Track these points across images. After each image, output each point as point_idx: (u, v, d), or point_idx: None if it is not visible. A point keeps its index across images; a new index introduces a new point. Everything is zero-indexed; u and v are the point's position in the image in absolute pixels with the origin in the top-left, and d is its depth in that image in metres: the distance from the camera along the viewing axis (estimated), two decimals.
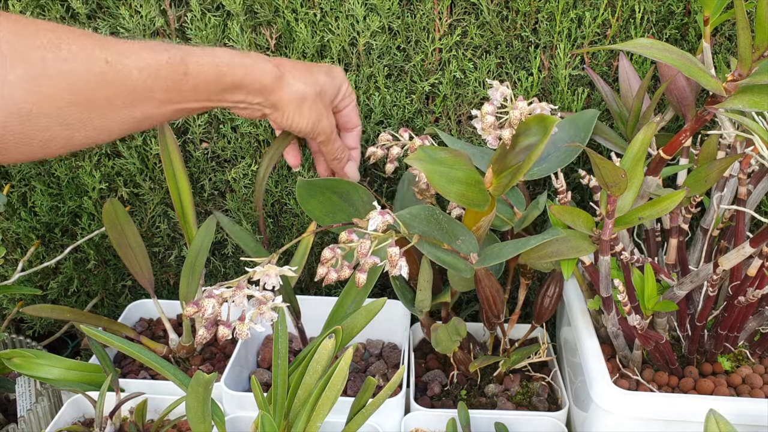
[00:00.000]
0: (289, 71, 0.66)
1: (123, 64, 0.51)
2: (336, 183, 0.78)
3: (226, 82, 0.59)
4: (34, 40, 0.47)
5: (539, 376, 0.87)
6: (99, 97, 0.50)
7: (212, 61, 0.58)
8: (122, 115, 0.52)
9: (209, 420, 0.61)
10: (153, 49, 0.53)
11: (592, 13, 0.87)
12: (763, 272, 0.69)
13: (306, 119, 0.68)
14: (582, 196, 0.98)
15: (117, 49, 0.51)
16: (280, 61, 0.67)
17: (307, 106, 0.67)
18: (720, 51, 0.90)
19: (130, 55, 0.52)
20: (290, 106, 0.66)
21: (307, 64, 0.70)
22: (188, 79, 0.56)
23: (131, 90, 0.52)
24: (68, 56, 0.48)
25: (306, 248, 0.92)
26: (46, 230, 1.03)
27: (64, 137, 0.50)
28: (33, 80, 0.46)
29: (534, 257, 0.73)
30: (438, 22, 0.89)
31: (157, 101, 0.54)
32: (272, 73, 0.64)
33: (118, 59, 0.51)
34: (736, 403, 0.70)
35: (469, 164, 0.69)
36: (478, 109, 0.69)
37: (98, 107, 0.50)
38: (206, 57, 0.58)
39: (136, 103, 0.53)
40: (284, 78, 0.65)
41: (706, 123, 0.66)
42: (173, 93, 0.55)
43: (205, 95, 0.58)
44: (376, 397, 0.62)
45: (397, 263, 0.65)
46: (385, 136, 0.79)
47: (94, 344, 0.81)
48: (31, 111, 0.47)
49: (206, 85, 0.58)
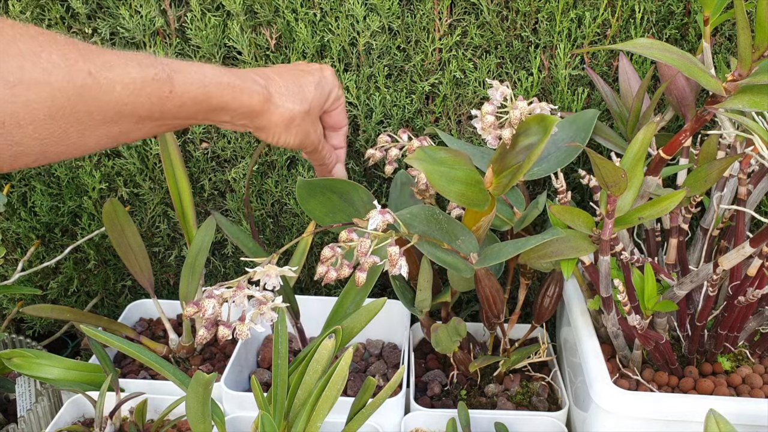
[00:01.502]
0: (278, 91, 0.64)
1: (106, 78, 0.48)
2: (336, 183, 0.78)
3: (212, 103, 0.57)
4: (11, 47, 0.44)
5: (539, 376, 0.87)
6: (79, 111, 0.47)
7: (200, 80, 0.55)
8: (100, 131, 0.50)
9: (209, 420, 0.61)
10: (140, 63, 0.50)
11: (592, 13, 0.87)
12: (763, 272, 0.69)
13: (293, 138, 0.67)
14: (582, 196, 0.98)
15: (102, 60, 0.48)
16: (270, 78, 0.64)
17: (295, 125, 0.66)
18: (720, 51, 0.90)
19: (115, 68, 0.49)
20: (277, 128, 0.65)
21: (297, 76, 0.67)
22: (173, 97, 0.53)
23: (113, 105, 0.49)
24: (48, 66, 0.45)
25: (305, 248, 0.92)
26: (46, 230, 1.03)
27: (38, 152, 0.47)
28: (8, 90, 0.43)
29: (534, 257, 0.72)
30: (438, 22, 0.89)
31: (137, 117, 0.51)
32: (260, 95, 0.61)
33: (102, 72, 0.48)
34: (736, 403, 0.70)
35: (469, 164, 0.69)
36: (478, 109, 0.69)
37: (77, 122, 0.48)
38: (194, 75, 0.55)
39: (116, 119, 0.50)
40: (272, 99, 0.63)
41: (706, 123, 0.66)
42: (156, 110, 0.52)
43: (188, 114, 0.56)
44: (376, 397, 0.62)
45: (397, 262, 0.65)
46: (383, 137, 0.79)
47: (94, 344, 0.81)
48: (3, 122, 0.44)
49: (191, 105, 0.55)
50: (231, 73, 0.59)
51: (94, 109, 0.48)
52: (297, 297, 0.87)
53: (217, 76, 0.57)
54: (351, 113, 0.93)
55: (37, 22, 0.90)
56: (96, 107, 0.48)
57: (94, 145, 0.51)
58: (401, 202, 0.84)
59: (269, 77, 0.64)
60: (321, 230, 0.82)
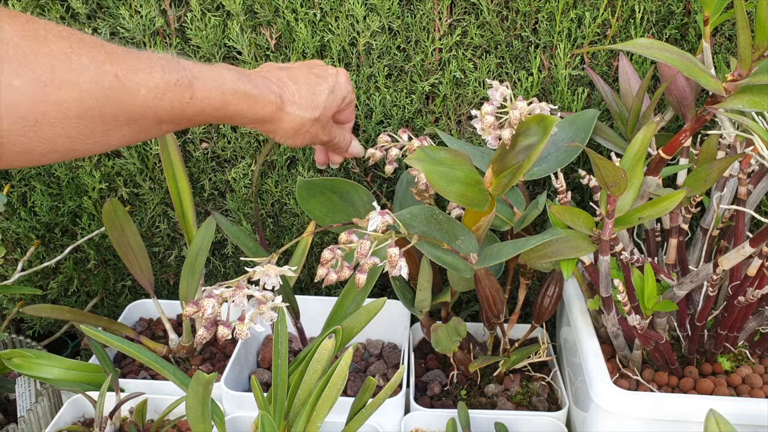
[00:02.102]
0: (290, 99, 0.65)
1: (132, 81, 0.50)
2: (336, 183, 0.78)
3: (228, 111, 0.59)
4: (44, 47, 0.45)
5: (539, 376, 0.87)
6: (105, 112, 0.49)
7: (218, 88, 0.57)
8: (123, 130, 0.52)
9: (209, 420, 0.61)
10: (163, 68, 0.52)
11: (592, 13, 0.87)
12: (762, 272, 0.69)
13: (300, 141, 0.68)
14: (582, 196, 0.98)
15: (128, 63, 0.50)
16: (285, 85, 0.65)
17: (303, 131, 0.67)
18: (720, 51, 0.90)
19: (140, 72, 0.51)
20: (286, 134, 0.66)
21: (313, 82, 0.68)
22: (193, 103, 0.55)
23: (137, 108, 0.51)
24: (78, 67, 0.47)
25: (305, 248, 0.92)
26: (46, 230, 1.03)
27: (66, 149, 0.49)
28: (40, 89, 0.45)
29: (534, 257, 0.72)
30: (438, 22, 0.89)
31: (158, 119, 0.53)
32: (274, 104, 0.63)
33: (128, 75, 0.50)
34: (736, 403, 0.70)
35: (469, 164, 0.69)
36: (478, 109, 0.69)
37: (102, 122, 0.50)
38: (213, 81, 0.57)
39: (138, 120, 0.52)
40: (284, 108, 0.64)
41: (706, 123, 0.66)
42: (176, 114, 0.54)
43: (205, 119, 0.58)
44: (376, 397, 0.62)
45: (397, 264, 0.65)
46: (383, 137, 0.79)
47: (94, 344, 0.81)
48: (36, 120, 0.46)
49: (210, 111, 0.57)
50: (248, 80, 0.60)
51: (119, 110, 0.50)
52: (297, 297, 0.87)
53: (234, 83, 0.59)
54: None
55: None
56: (121, 109, 0.50)
57: (116, 143, 0.53)
58: (406, 202, 0.84)
59: (284, 84, 0.65)
60: (321, 230, 0.82)
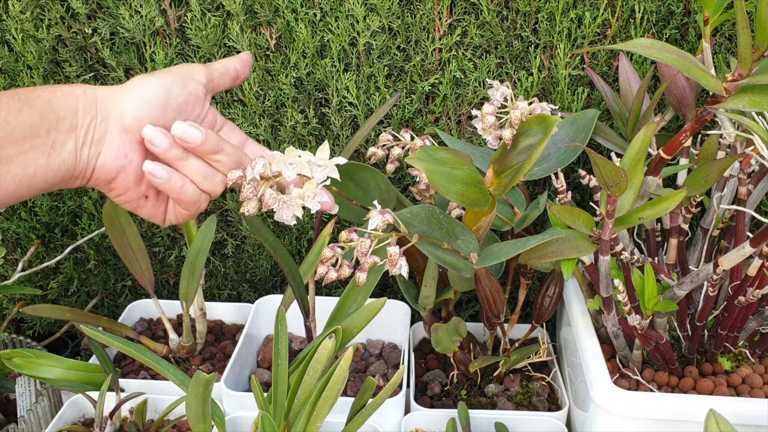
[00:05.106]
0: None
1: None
2: (353, 168, 0.77)
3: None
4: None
5: (539, 376, 0.87)
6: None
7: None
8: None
9: (209, 420, 0.61)
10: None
11: (592, 13, 0.87)
12: (763, 272, 0.69)
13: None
14: (582, 196, 0.98)
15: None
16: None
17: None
18: (720, 51, 0.90)
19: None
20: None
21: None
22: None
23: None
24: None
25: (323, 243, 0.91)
26: (46, 230, 1.03)
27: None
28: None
29: (534, 257, 0.72)
30: (438, 22, 0.89)
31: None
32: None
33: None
34: (736, 403, 0.70)
35: (470, 164, 0.69)
36: (478, 109, 0.69)
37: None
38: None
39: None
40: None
41: (706, 123, 0.66)
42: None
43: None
44: (376, 397, 0.62)
45: (397, 263, 0.65)
46: (385, 136, 0.79)
47: (94, 344, 0.81)
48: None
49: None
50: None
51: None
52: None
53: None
54: (351, 113, 0.94)
55: (37, 22, 0.90)
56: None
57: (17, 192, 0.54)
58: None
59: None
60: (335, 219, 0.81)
